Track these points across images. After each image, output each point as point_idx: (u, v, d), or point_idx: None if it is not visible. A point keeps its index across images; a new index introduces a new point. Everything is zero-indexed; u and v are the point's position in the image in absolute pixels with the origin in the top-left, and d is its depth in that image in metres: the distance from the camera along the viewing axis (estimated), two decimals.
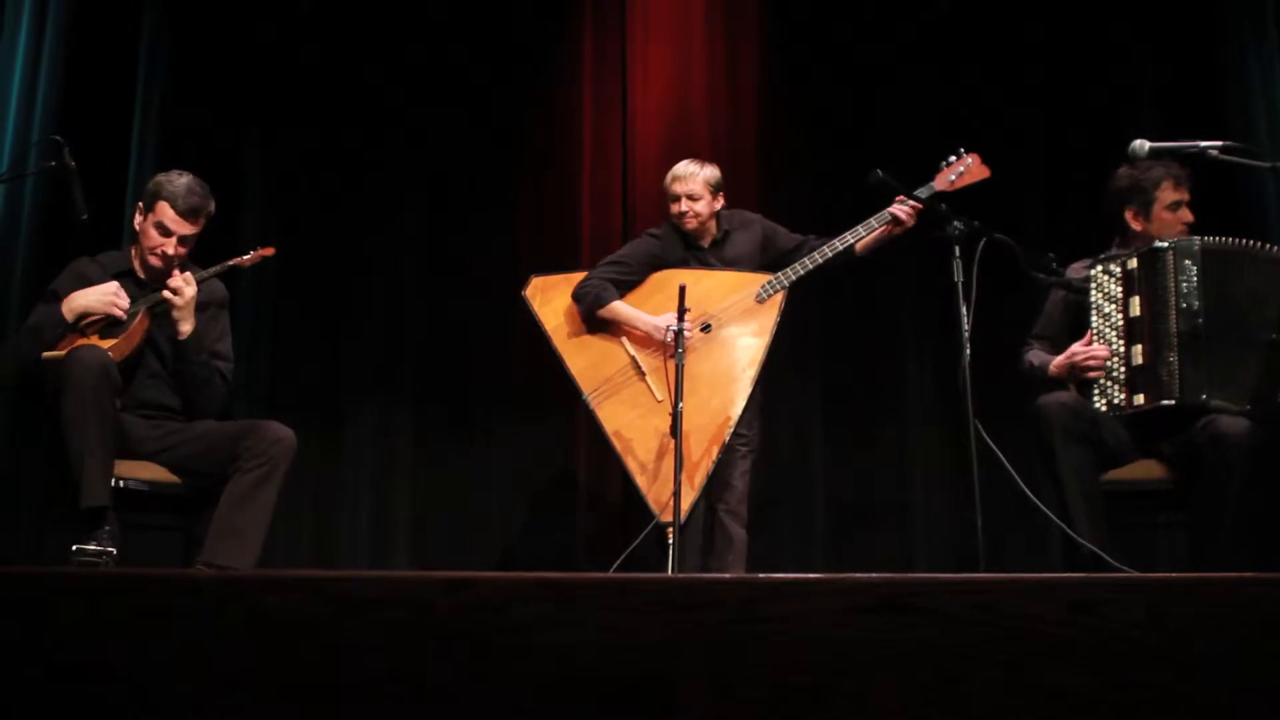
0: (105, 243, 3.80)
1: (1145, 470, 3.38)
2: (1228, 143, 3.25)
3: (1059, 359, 3.44)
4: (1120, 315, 3.38)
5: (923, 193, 3.81)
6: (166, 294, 3.34)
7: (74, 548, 3.02)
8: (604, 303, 3.92)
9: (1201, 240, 3.34)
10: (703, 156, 4.22)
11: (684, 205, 4.02)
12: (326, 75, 5.19)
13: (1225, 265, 3.32)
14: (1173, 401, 3.26)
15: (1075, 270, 3.57)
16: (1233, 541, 3.11)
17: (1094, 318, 3.40)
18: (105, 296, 3.30)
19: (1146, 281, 3.35)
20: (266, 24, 5.13)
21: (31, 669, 1.99)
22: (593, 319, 3.95)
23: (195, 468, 3.34)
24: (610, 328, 3.96)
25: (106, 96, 4.77)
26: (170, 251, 3.39)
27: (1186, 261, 3.31)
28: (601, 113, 5.30)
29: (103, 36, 4.77)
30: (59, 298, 3.34)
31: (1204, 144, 3.23)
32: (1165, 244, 3.35)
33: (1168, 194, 3.48)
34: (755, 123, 5.28)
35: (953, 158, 3.97)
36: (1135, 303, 3.35)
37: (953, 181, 3.92)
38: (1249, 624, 2.16)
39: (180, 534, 3.54)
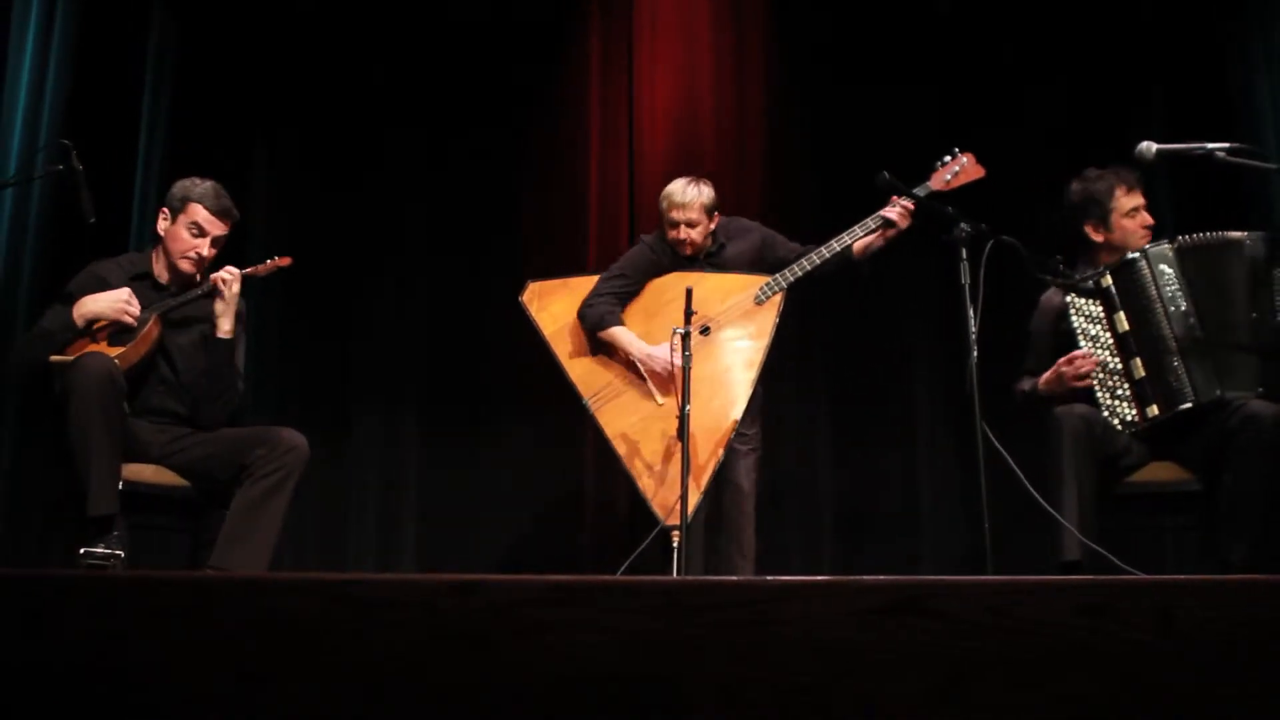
0: (112, 246, 3.81)
1: (1160, 472, 3.37)
2: (1235, 144, 3.25)
3: (1045, 374, 3.42)
4: (1108, 333, 3.38)
5: (919, 192, 3.80)
6: (218, 282, 3.36)
7: (82, 550, 3.02)
8: (606, 326, 3.92)
9: (1172, 242, 3.38)
10: (708, 156, 4.22)
11: (682, 234, 4.00)
12: (333, 78, 5.20)
13: (1201, 261, 3.36)
14: (1190, 404, 3.26)
15: (1049, 299, 3.59)
16: (1265, 525, 3.11)
17: (1082, 341, 3.39)
18: (116, 303, 3.30)
19: (1127, 294, 3.37)
20: (272, 29, 5.14)
21: (39, 672, 1.99)
22: (594, 335, 3.96)
23: (206, 471, 3.34)
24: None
25: (113, 100, 4.78)
26: (205, 253, 3.42)
27: (1163, 266, 3.34)
28: (608, 113, 5.31)
29: (110, 40, 4.78)
30: (74, 299, 3.34)
31: (1211, 145, 3.23)
32: (1136, 254, 3.38)
33: (1123, 201, 3.51)
34: (762, 122, 5.28)
35: (947, 157, 3.96)
36: (1121, 318, 3.37)
37: (948, 181, 3.92)
38: (1259, 626, 2.16)
39: (186, 536, 3.54)
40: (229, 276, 3.39)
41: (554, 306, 4.02)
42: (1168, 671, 2.21)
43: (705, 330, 3.83)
